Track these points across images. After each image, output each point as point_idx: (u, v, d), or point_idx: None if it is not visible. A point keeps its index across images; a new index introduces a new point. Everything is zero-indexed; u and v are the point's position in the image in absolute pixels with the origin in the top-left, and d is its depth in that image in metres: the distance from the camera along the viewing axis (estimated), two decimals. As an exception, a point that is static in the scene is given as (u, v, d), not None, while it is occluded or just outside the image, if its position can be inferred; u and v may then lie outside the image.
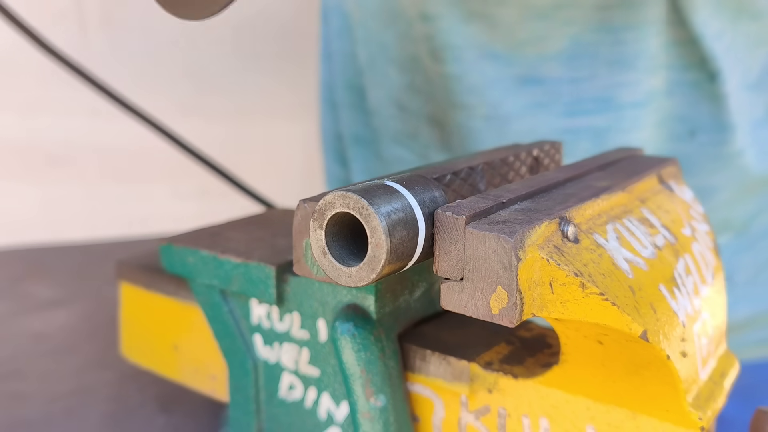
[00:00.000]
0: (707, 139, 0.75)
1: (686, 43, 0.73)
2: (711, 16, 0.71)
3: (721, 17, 0.72)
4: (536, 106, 0.76)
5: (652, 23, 0.72)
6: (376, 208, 0.35)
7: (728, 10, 0.72)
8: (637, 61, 0.73)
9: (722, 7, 0.72)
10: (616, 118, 0.75)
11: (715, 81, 0.73)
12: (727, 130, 0.74)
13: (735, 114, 0.74)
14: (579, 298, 0.35)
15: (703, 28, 0.71)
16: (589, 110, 0.75)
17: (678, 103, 0.76)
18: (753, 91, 0.76)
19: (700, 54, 0.73)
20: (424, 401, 0.46)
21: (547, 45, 0.74)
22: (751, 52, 0.75)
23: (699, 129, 0.76)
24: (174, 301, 0.58)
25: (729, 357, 0.45)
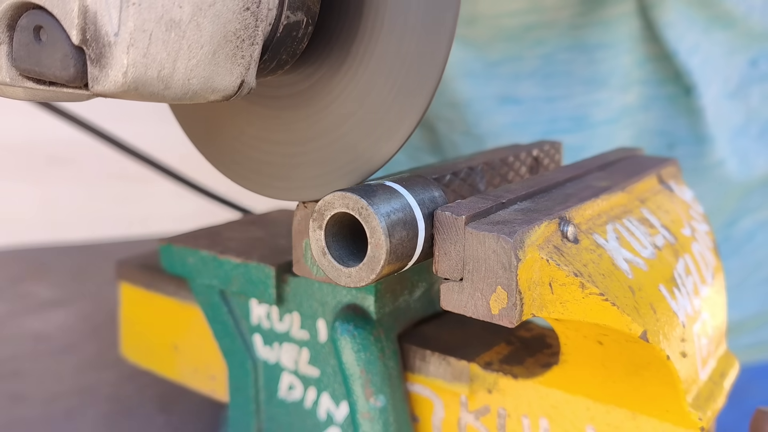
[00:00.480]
0: (686, 151, 0.76)
1: (660, 59, 0.74)
2: (684, 30, 0.72)
3: (695, 30, 0.73)
4: (513, 126, 0.77)
5: (625, 41, 0.73)
6: (375, 208, 0.35)
7: (701, 21, 0.73)
8: (610, 79, 0.74)
9: (695, 19, 0.72)
10: (591, 135, 0.76)
11: (691, 95, 0.74)
12: (706, 142, 0.75)
13: (713, 125, 0.75)
14: (579, 299, 0.35)
15: (677, 43, 0.72)
16: (564, 129, 0.76)
17: (655, 118, 0.77)
18: (733, 99, 0.76)
19: (674, 68, 0.74)
20: (424, 401, 0.46)
21: (521, 65, 0.75)
22: (728, 61, 0.75)
23: (677, 142, 0.77)
24: (174, 301, 0.58)
25: (729, 357, 0.45)
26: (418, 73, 0.36)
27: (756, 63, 0.77)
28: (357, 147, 0.39)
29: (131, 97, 0.31)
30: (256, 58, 0.34)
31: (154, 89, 0.31)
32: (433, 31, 0.35)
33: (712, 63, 0.74)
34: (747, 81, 0.77)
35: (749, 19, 0.74)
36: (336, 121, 0.39)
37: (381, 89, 0.38)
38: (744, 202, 0.79)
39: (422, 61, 0.36)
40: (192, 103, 0.34)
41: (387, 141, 0.38)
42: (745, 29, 0.75)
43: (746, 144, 0.77)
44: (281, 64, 0.38)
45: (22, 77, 0.32)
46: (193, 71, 0.32)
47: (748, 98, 0.77)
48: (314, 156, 0.41)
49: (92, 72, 0.30)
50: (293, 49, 0.38)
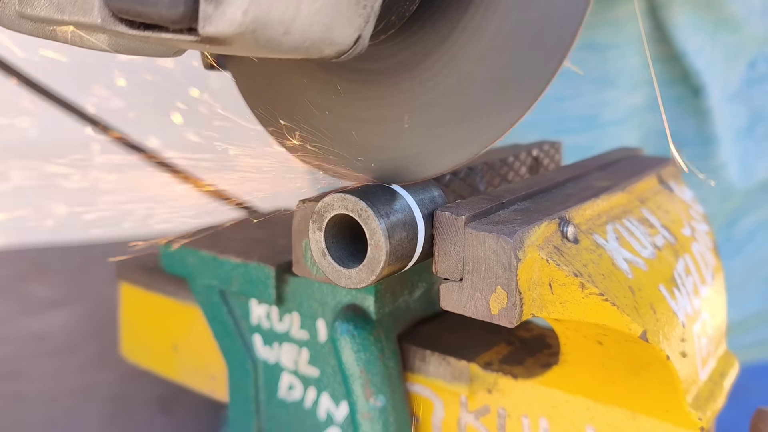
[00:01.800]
0: (693, 153, 0.76)
1: (669, 60, 0.74)
2: (692, 32, 0.72)
3: (702, 32, 0.73)
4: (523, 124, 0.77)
5: (634, 41, 0.73)
6: (374, 209, 0.35)
7: (708, 24, 0.73)
8: (619, 79, 0.74)
9: (702, 22, 0.73)
10: (599, 136, 0.76)
11: (699, 96, 0.74)
12: (712, 144, 0.75)
13: (718, 127, 0.75)
14: (578, 299, 0.35)
15: (685, 45, 0.72)
16: (573, 129, 0.76)
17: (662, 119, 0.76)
18: (734, 103, 0.77)
19: (682, 69, 0.74)
20: (424, 401, 0.46)
21: None
22: (730, 65, 0.76)
23: (684, 143, 0.77)
24: (174, 301, 0.58)
25: (729, 357, 0.45)
26: (535, 57, 0.33)
27: (755, 65, 0.77)
28: (447, 134, 0.36)
29: (245, 43, 0.27)
30: (377, 12, 0.31)
31: (273, 33, 0.27)
32: (563, 8, 0.32)
33: (714, 66, 0.74)
34: (746, 83, 0.77)
35: (749, 23, 0.74)
36: (429, 102, 0.36)
37: (487, 71, 0.34)
38: (745, 203, 0.79)
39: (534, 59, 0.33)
40: (304, 56, 0.30)
41: (482, 133, 0.35)
42: (746, 33, 0.75)
43: (747, 147, 0.77)
44: (387, 27, 0.34)
45: (115, 19, 0.28)
46: (316, 16, 0.28)
47: (747, 100, 0.77)
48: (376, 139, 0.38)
49: (205, 10, 0.26)
50: (405, 9, 0.34)
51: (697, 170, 0.75)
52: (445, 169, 0.37)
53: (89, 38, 0.30)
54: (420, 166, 0.37)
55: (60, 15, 0.29)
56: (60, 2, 0.29)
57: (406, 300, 0.46)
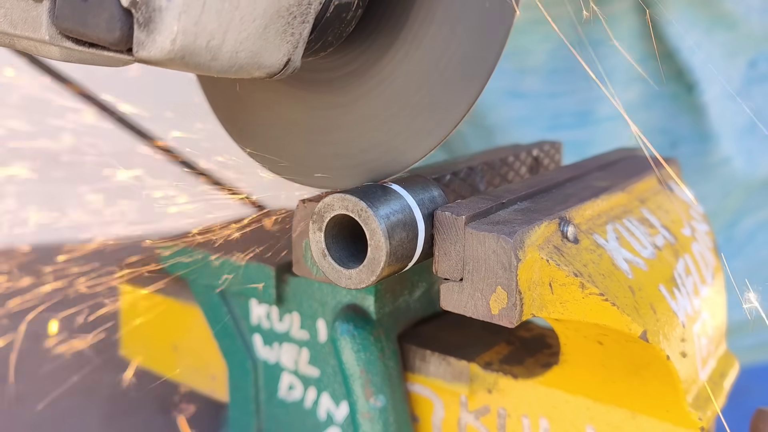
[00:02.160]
0: (689, 150, 0.76)
1: (662, 56, 0.74)
2: (686, 29, 0.72)
3: (697, 29, 0.73)
4: (520, 120, 0.77)
5: (627, 37, 0.73)
6: (374, 210, 0.35)
7: (703, 21, 0.73)
8: (612, 75, 0.74)
9: (697, 19, 0.72)
10: (595, 132, 0.76)
11: (693, 92, 0.74)
12: (709, 140, 0.75)
13: (716, 124, 0.75)
14: (579, 299, 0.35)
15: (679, 41, 0.72)
16: (569, 124, 0.76)
17: (658, 116, 0.76)
18: (736, 100, 0.76)
19: (676, 66, 0.74)
20: (424, 401, 0.46)
21: (528, 59, 0.75)
22: (729, 62, 0.75)
23: (680, 140, 0.77)
24: (174, 301, 0.58)
25: (729, 357, 0.45)
26: (466, 71, 0.35)
27: (755, 64, 0.77)
28: (385, 144, 0.38)
29: (175, 66, 0.30)
30: (305, 37, 0.33)
31: (200, 60, 0.30)
32: (491, 24, 0.34)
33: (714, 63, 0.74)
34: (747, 82, 0.77)
35: (748, 21, 0.74)
36: (369, 113, 0.38)
37: (423, 84, 0.37)
38: (746, 203, 0.79)
39: (475, 54, 0.35)
40: (235, 77, 0.32)
41: (419, 141, 0.37)
42: (744, 31, 0.75)
43: (752, 143, 0.77)
44: (325, 45, 0.37)
45: (62, 36, 0.30)
46: (243, 44, 0.31)
47: (750, 99, 0.77)
48: (338, 147, 0.40)
49: (138, 36, 0.28)
50: (340, 31, 0.36)
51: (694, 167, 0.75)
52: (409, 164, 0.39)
53: (43, 49, 0.32)
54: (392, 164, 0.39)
55: (13, 29, 0.32)
56: (13, 18, 0.31)
57: (406, 300, 0.46)
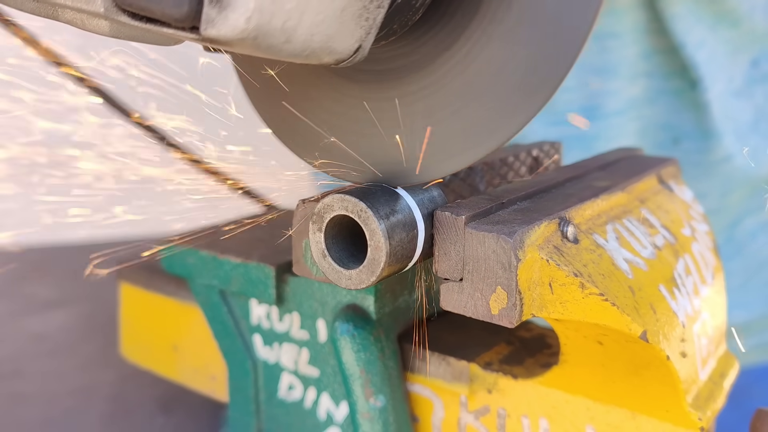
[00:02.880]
0: (691, 146, 0.76)
1: (667, 52, 0.74)
2: (691, 25, 0.72)
3: (702, 25, 0.72)
4: None
5: (632, 31, 0.72)
6: (374, 210, 0.35)
7: (708, 18, 0.73)
8: (619, 69, 0.74)
9: (702, 15, 0.72)
10: (603, 126, 0.75)
11: (696, 89, 0.74)
12: (712, 137, 0.75)
13: (719, 121, 0.74)
14: (579, 299, 0.35)
15: (684, 37, 0.72)
16: None
17: (661, 111, 0.76)
18: (739, 98, 0.76)
19: (681, 62, 0.73)
20: (424, 401, 0.46)
21: None
22: (733, 59, 0.75)
23: (683, 136, 0.76)
24: (174, 301, 0.58)
25: (729, 357, 0.45)
26: (526, 86, 0.34)
27: (758, 63, 0.77)
28: (441, 144, 0.36)
29: (245, 47, 0.28)
30: (379, 23, 0.31)
31: (273, 41, 0.28)
32: (568, 23, 0.33)
33: (716, 60, 0.74)
34: (750, 81, 0.77)
35: (751, 19, 0.74)
36: (427, 110, 0.36)
37: (490, 81, 0.35)
38: (747, 203, 0.79)
39: (541, 69, 0.33)
40: (304, 62, 0.30)
41: (477, 144, 0.36)
42: (747, 29, 0.75)
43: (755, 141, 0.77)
44: (389, 34, 0.35)
45: (118, 9, 0.28)
46: (319, 27, 0.29)
47: (753, 98, 0.77)
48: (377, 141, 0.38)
49: (208, 13, 0.26)
50: (407, 19, 0.35)
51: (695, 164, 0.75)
52: (446, 173, 0.37)
53: (90, 22, 0.30)
54: (423, 170, 0.38)
55: (63, 0, 0.30)
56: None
57: (406, 300, 0.46)
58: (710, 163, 0.76)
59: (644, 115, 0.76)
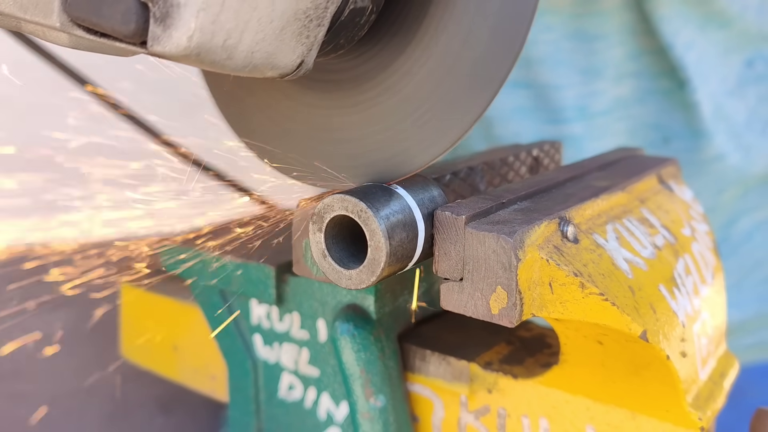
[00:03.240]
0: (681, 146, 0.76)
1: (656, 52, 0.74)
2: (680, 26, 0.72)
3: (690, 26, 0.73)
4: (519, 112, 0.77)
5: (619, 32, 0.73)
6: (374, 211, 0.35)
7: (697, 19, 0.73)
8: (606, 70, 0.74)
9: (690, 16, 0.72)
10: (592, 126, 0.76)
11: (685, 89, 0.74)
12: (702, 137, 0.75)
13: (710, 121, 0.75)
14: (579, 298, 0.35)
15: (673, 38, 0.72)
16: (568, 118, 0.76)
17: (651, 111, 0.77)
18: (732, 98, 0.76)
19: (670, 63, 0.74)
20: (424, 401, 0.46)
21: (530, 49, 0.75)
22: (724, 60, 0.76)
23: (673, 136, 0.77)
24: (174, 301, 0.58)
25: (729, 357, 0.45)
26: (477, 80, 0.35)
27: (752, 64, 0.77)
28: (393, 148, 0.38)
29: (189, 62, 0.30)
30: (320, 40, 0.33)
31: (215, 57, 0.29)
32: (505, 35, 0.35)
33: (707, 61, 0.74)
34: (744, 81, 0.77)
35: (744, 19, 0.74)
36: (376, 116, 0.38)
37: (435, 87, 0.37)
38: (742, 202, 0.79)
39: (487, 63, 0.35)
40: (248, 76, 0.32)
41: (429, 146, 0.37)
42: (740, 29, 0.75)
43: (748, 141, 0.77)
44: (337, 48, 0.37)
45: (72, 24, 0.30)
46: (259, 45, 0.30)
47: (746, 98, 0.77)
48: (344, 147, 0.40)
49: (154, 31, 0.28)
50: (353, 34, 0.37)
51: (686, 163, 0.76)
52: (418, 167, 0.39)
53: (51, 34, 0.32)
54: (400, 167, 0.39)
55: (23, 14, 0.31)
56: (23, 2, 0.31)
57: (406, 300, 0.46)
58: (701, 162, 0.76)
59: (634, 115, 0.77)
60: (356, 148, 0.40)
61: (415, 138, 0.38)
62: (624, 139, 0.77)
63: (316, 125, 0.41)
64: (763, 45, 0.77)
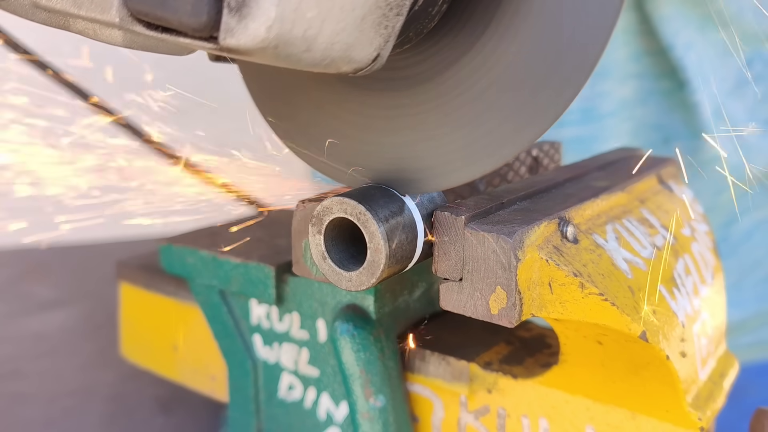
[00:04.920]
0: (682, 146, 0.76)
1: (657, 53, 0.74)
2: (680, 27, 0.72)
3: (690, 27, 0.73)
4: None
5: (622, 33, 0.73)
6: (373, 213, 0.35)
7: (696, 19, 0.73)
8: (611, 71, 0.74)
9: (690, 17, 0.73)
10: (598, 128, 0.76)
11: (684, 90, 0.74)
12: (702, 137, 0.75)
13: (709, 121, 0.75)
14: (578, 299, 0.35)
15: (673, 38, 0.73)
16: (574, 121, 0.76)
17: (652, 112, 0.77)
18: (731, 98, 0.77)
19: (670, 63, 0.74)
20: (424, 401, 0.46)
21: None
22: (723, 61, 0.76)
23: (673, 137, 0.77)
24: (174, 301, 0.58)
25: (728, 357, 0.45)
26: (543, 93, 0.33)
27: (750, 64, 0.78)
28: (461, 150, 0.36)
29: (265, 57, 0.27)
30: (398, 31, 0.31)
31: (293, 50, 0.27)
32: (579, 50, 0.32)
33: (706, 61, 0.75)
34: (742, 81, 0.77)
35: (741, 20, 0.75)
36: (441, 120, 0.36)
37: (492, 103, 0.34)
38: (741, 202, 0.80)
39: (557, 76, 0.33)
40: (321, 71, 0.30)
41: (473, 162, 0.35)
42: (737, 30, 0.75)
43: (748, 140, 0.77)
44: (405, 41, 0.34)
45: (133, 19, 0.28)
46: (339, 36, 0.28)
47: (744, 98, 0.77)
48: (389, 149, 0.38)
49: (228, 22, 0.26)
50: (422, 26, 0.34)
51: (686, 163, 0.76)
52: (464, 180, 0.37)
53: (103, 32, 0.30)
54: (442, 176, 0.37)
55: (77, 10, 0.29)
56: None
57: (405, 300, 0.46)
58: (702, 162, 0.76)
59: (635, 116, 0.77)
60: (396, 154, 0.38)
61: (461, 153, 0.36)
62: (626, 139, 0.77)
63: (361, 126, 0.39)
64: (761, 45, 0.77)
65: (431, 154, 0.37)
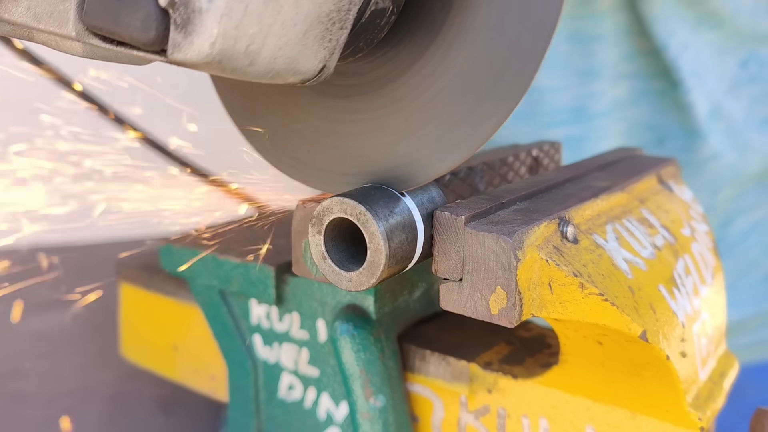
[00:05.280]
0: (676, 146, 0.76)
1: (650, 53, 0.74)
2: (674, 27, 0.73)
3: (684, 27, 0.73)
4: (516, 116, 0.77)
5: (615, 33, 0.73)
6: (373, 213, 0.35)
7: (690, 19, 0.73)
8: (602, 71, 0.74)
9: (684, 17, 0.73)
10: (589, 128, 0.76)
11: (678, 90, 0.74)
12: (697, 137, 0.75)
13: (705, 121, 0.75)
14: (578, 299, 0.35)
15: (667, 39, 0.73)
16: (565, 120, 0.76)
17: (646, 112, 0.77)
18: (728, 97, 0.77)
19: (664, 63, 0.74)
20: (424, 401, 0.46)
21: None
22: (719, 60, 0.76)
23: (667, 136, 0.77)
24: (174, 301, 0.58)
25: (728, 357, 0.46)
26: (497, 87, 0.34)
27: (746, 64, 0.78)
28: (411, 156, 0.37)
29: (210, 70, 0.29)
30: (342, 43, 0.32)
31: (237, 64, 0.29)
32: (526, 45, 0.34)
33: (701, 62, 0.75)
34: (738, 81, 0.77)
35: (737, 20, 0.75)
36: (392, 126, 0.38)
37: (450, 98, 0.36)
38: (738, 203, 0.80)
39: (508, 70, 0.34)
40: (269, 82, 0.31)
41: (447, 154, 0.37)
42: (733, 30, 0.75)
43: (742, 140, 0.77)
44: (355, 51, 0.36)
45: (89, 33, 0.29)
46: (282, 50, 0.30)
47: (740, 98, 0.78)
48: (354, 152, 0.39)
49: (174, 38, 0.27)
50: (372, 37, 0.36)
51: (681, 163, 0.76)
52: (430, 178, 0.38)
53: (64, 44, 0.31)
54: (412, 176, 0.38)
55: (36, 23, 0.31)
56: (37, 12, 0.30)
57: (406, 300, 0.46)
58: (697, 162, 0.76)
59: (629, 116, 0.77)
60: (364, 155, 0.39)
61: (427, 149, 0.37)
62: (620, 140, 0.78)
63: (325, 130, 0.40)
64: (757, 45, 0.77)
65: (389, 156, 0.38)
